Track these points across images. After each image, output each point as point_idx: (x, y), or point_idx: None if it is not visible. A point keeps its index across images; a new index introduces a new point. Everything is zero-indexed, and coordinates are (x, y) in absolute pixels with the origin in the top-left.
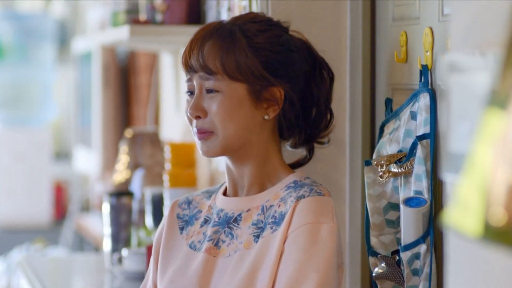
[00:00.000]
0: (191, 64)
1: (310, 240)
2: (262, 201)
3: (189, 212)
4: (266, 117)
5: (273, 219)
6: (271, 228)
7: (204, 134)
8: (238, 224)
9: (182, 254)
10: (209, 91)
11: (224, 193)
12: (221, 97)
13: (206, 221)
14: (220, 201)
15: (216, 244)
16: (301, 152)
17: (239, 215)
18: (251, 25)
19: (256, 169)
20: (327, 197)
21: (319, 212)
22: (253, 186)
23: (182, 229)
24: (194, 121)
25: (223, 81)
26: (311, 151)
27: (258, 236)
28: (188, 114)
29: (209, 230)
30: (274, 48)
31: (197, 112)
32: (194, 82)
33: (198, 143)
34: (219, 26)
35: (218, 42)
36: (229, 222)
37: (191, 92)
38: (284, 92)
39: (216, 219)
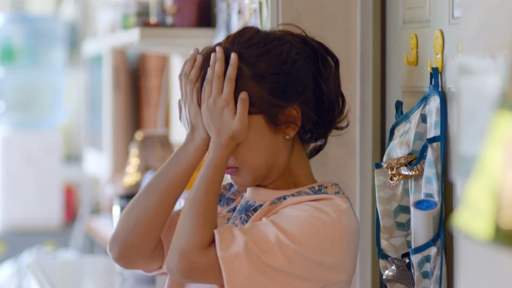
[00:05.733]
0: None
1: (306, 205)
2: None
3: (227, 193)
4: (288, 137)
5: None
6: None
7: (230, 170)
8: (255, 214)
9: None
10: None
11: None
12: None
13: (234, 209)
14: (248, 191)
15: None
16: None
17: (260, 205)
18: (249, 50)
19: (280, 183)
20: (336, 200)
21: (319, 202)
22: (278, 185)
23: None
24: None
25: None
26: (326, 139)
27: None
28: None
29: (231, 216)
30: (279, 70)
31: None
32: None
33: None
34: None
35: None
36: (248, 210)
37: None
38: (300, 108)
39: (239, 207)
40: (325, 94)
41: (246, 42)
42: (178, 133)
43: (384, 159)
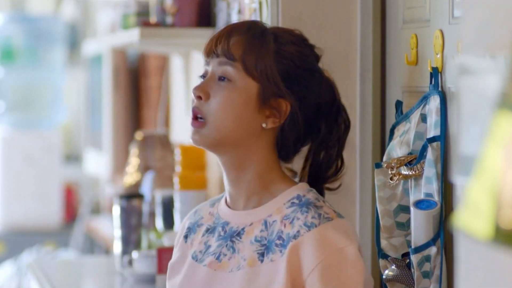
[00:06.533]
0: (214, 49)
1: (336, 271)
2: (264, 215)
3: (194, 220)
4: (264, 125)
5: (280, 241)
6: (280, 251)
7: (196, 121)
8: (240, 238)
9: (186, 264)
10: (221, 78)
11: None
12: (231, 86)
13: (207, 230)
14: (224, 213)
15: (218, 257)
16: None
17: (243, 229)
18: (285, 35)
19: (254, 178)
20: (336, 219)
21: (335, 239)
22: (252, 197)
23: (186, 237)
24: (194, 102)
25: (239, 71)
26: (321, 194)
27: (262, 255)
28: (192, 92)
29: (213, 243)
30: (298, 62)
31: (200, 93)
32: (210, 67)
33: (190, 130)
34: (254, 25)
35: (247, 37)
36: (232, 236)
37: (204, 76)
38: (290, 107)
39: (222, 233)
40: (324, 140)
41: (287, 31)
42: (178, 132)
43: (384, 159)
